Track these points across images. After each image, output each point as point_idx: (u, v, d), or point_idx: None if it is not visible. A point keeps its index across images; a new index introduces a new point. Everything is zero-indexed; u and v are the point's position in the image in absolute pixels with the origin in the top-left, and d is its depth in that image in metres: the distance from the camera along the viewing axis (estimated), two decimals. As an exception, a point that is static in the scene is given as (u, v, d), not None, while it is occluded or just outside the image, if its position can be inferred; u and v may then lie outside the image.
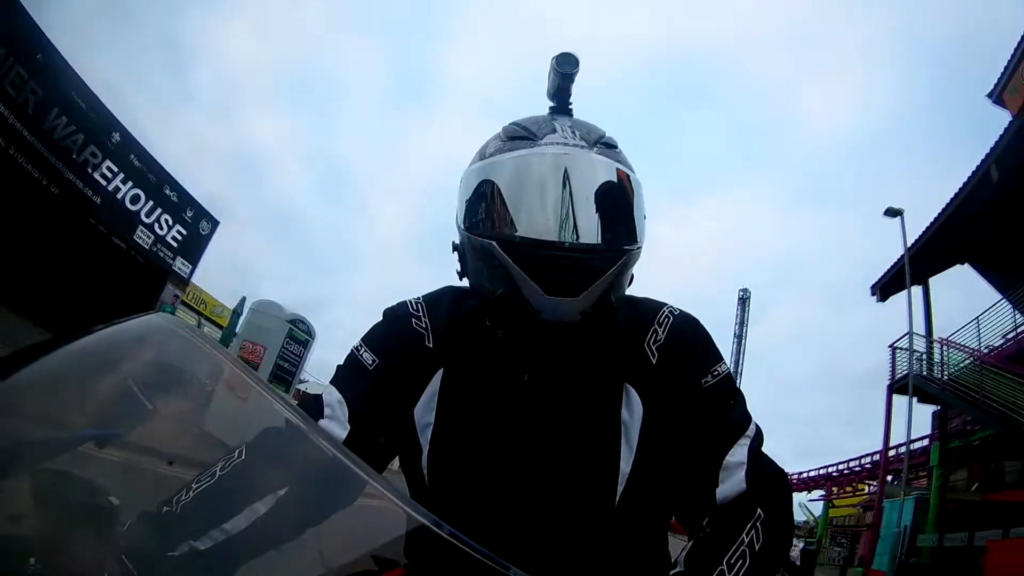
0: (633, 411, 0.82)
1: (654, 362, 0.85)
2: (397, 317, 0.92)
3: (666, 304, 0.90)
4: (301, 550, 0.73)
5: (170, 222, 10.64)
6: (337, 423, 0.82)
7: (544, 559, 0.76)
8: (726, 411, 0.83)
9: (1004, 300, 10.52)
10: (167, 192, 10.47)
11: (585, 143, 0.82)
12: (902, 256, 11.71)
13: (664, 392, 0.83)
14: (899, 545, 11.29)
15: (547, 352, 0.84)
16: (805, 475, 23.28)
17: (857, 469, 19.48)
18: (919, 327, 11.68)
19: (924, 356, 11.45)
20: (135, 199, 9.84)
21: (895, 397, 11.72)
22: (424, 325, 0.90)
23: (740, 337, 31.48)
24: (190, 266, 11.28)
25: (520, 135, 0.84)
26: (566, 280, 0.76)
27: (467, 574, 0.52)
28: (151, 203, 10.14)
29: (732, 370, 0.90)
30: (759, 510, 0.75)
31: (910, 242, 11.53)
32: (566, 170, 0.79)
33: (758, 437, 0.82)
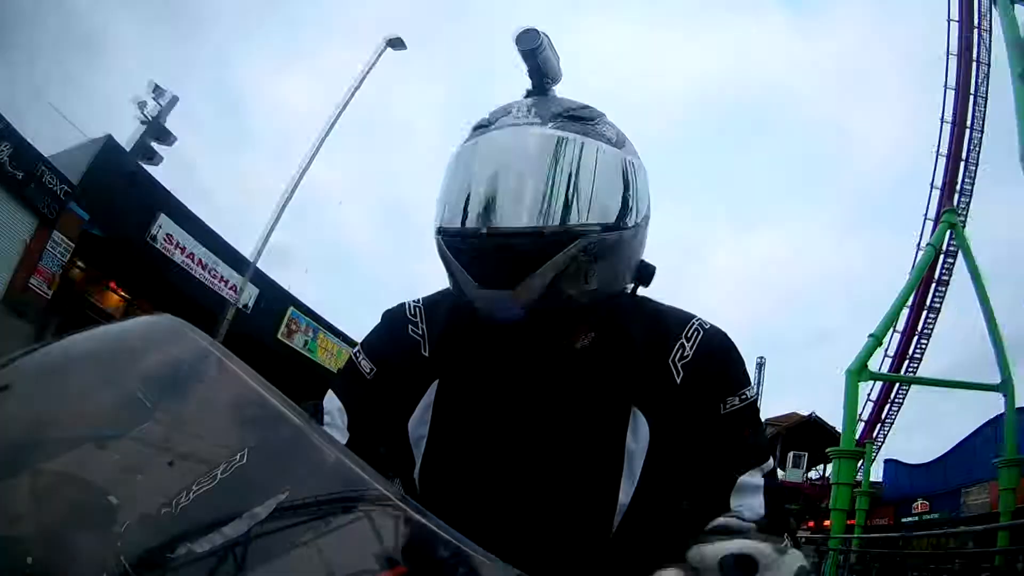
0: (639, 438, 0.76)
1: (678, 381, 0.77)
2: (394, 321, 0.89)
3: (696, 316, 0.82)
4: (302, 553, 0.72)
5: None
6: (337, 430, 0.80)
7: None
8: (743, 437, 0.76)
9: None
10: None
11: (539, 119, 0.74)
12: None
13: (681, 413, 0.77)
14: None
15: (549, 366, 0.78)
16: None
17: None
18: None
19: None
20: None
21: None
22: (421, 332, 0.86)
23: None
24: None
25: (481, 124, 0.79)
26: (496, 270, 0.69)
27: (467, 574, 0.51)
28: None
29: None
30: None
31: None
32: (501, 150, 0.73)
33: (774, 472, 0.76)
